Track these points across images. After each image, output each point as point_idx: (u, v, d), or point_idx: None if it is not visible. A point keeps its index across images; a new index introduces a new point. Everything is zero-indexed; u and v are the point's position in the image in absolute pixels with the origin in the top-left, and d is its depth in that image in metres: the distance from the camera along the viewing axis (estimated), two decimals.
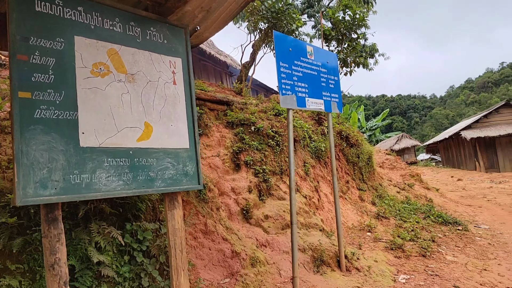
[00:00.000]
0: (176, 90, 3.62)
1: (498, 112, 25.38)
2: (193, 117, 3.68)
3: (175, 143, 3.52)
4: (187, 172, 3.56)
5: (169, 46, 3.63)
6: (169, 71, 3.59)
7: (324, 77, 4.98)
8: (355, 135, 9.14)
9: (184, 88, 3.69)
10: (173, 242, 3.44)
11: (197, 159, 3.66)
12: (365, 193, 8.49)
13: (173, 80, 3.62)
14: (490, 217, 9.42)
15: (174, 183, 3.44)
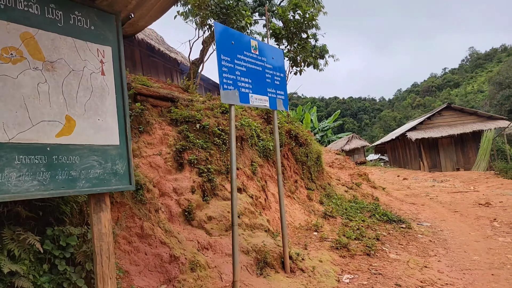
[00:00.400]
0: (105, 81, 3.31)
1: (441, 114, 26.78)
2: (124, 111, 3.38)
3: (102, 139, 3.20)
4: (116, 171, 3.26)
5: (97, 33, 3.30)
6: (96, 60, 3.26)
7: (269, 73, 4.84)
8: (304, 134, 9.13)
9: (114, 79, 3.38)
10: (99, 248, 3.13)
11: (128, 157, 3.37)
12: (313, 192, 8.49)
13: (101, 70, 3.30)
14: (431, 214, 9.78)
15: (100, 183, 3.13)
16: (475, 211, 9.93)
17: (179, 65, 17.06)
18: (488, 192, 13.38)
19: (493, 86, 63.81)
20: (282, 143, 8.16)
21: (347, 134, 46.33)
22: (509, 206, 10.33)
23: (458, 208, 10.58)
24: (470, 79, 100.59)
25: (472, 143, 25.46)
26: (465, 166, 25.19)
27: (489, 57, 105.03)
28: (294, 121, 9.46)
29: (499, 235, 7.28)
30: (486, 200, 11.52)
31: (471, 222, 8.58)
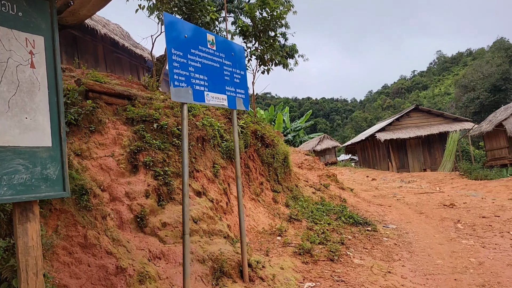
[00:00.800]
0: (35, 74, 2.93)
1: (409, 115, 27.29)
2: (58, 108, 3.02)
3: (30, 140, 2.83)
4: (47, 176, 2.89)
5: (26, 20, 2.92)
6: (24, 51, 2.89)
7: (228, 70, 4.56)
8: (271, 134, 8.90)
9: (47, 72, 3.01)
10: (25, 264, 2.76)
11: (63, 160, 3.01)
12: (279, 194, 8.28)
13: (31, 63, 2.92)
14: (398, 216, 9.77)
15: (27, 190, 2.76)
16: (440, 212, 10.00)
17: (146, 62, 16.52)
18: (453, 193, 13.60)
19: (459, 89, 65.87)
20: (248, 144, 7.90)
21: (319, 135, 46.67)
22: (472, 207, 10.47)
23: (423, 209, 10.64)
24: (437, 82, 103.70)
25: (439, 144, 26.06)
26: (432, 166, 25.76)
27: (456, 60, 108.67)
28: (261, 121, 9.22)
29: (463, 237, 7.28)
30: (450, 201, 11.66)
31: (435, 224, 8.59)
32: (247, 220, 6.44)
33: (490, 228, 7.89)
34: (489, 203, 10.87)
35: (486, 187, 13.68)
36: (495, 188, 13.16)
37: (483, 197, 12.07)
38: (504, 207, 10.07)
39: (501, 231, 7.58)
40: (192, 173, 5.88)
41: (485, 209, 9.94)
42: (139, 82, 8.50)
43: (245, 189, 7.31)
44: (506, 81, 56.06)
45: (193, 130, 6.25)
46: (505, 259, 5.81)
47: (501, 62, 61.92)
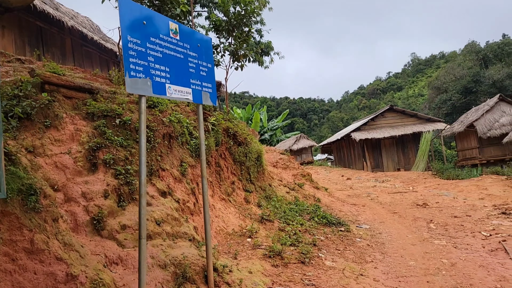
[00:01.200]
0: None
1: (384, 116, 27.58)
2: None
3: None
4: None
5: None
6: None
7: (194, 62, 4.27)
8: (244, 132, 8.64)
9: None
10: None
11: None
12: (251, 194, 8.03)
13: None
14: (371, 216, 9.69)
15: None
16: (413, 212, 9.99)
17: (117, 57, 15.96)
18: (426, 192, 13.70)
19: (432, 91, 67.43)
20: (219, 142, 7.62)
21: (296, 134, 46.76)
22: (444, 206, 10.52)
23: (397, 209, 10.62)
24: (411, 83, 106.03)
25: (412, 144, 26.44)
26: (406, 166, 26.12)
27: (429, 63, 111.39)
28: (234, 118, 8.95)
29: (435, 237, 7.23)
30: (423, 200, 11.71)
31: (408, 224, 8.54)
32: (216, 221, 6.16)
33: (462, 228, 7.88)
34: (460, 203, 10.95)
35: (457, 187, 13.86)
36: (466, 187, 13.33)
37: (455, 197, 12.19)
38: (475, 207, 10.16)
39: (473, 231, 7.57)
40: (157, 172, 5.55)
41: (457, 209, 10.00)
42: (104, 76, 8.09)
43: (216, 189, 7.03)
44: (476, 83, 57.72)
45: (159, 126, 5.92)
46: (477, 260, 5.75)
47: (472, 65, 63.78)
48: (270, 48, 13.64)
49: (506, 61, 60.55)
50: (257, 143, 9.37)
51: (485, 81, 56.87)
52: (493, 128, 20.78)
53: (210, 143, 7.10)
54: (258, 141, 13.80)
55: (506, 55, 61.95)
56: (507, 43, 62.77)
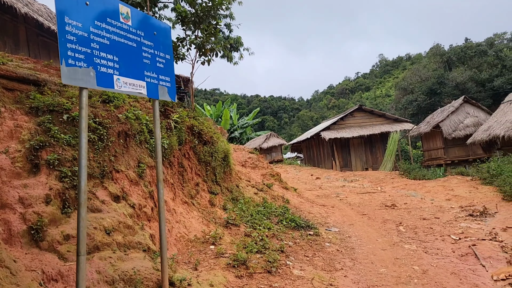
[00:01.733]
0: None
1: (353, 115, 27.75)
2: None
3: None
4: None
5: None
6: None
7: (149, 52, 3.79)
8: (210, 131, 8.18)
9: None
10: None
11: None
12: (217, 196, 7.59)
13: None
14: (340, 218, 9.48)
15: None
16: (382, 213, 9.86)
17: None
18: (394, 192, 13.71)
19: (398, 91, 68.97)
20: (182, 141, 7.13)
21: (266, 132, 46.53)
22: (413, 208, 10.47)
23: (366, 210, 10.47)
24: (379, 84, 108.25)
25: (380, 144, 26.74)
26: (374, 166, 26.38)
27: (396, 64, 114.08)
28: (199, 116, 8.47)
29: (405, 241, 7.05)
30: (392, 201, 11.65)
31: (378, 227, 8.37)
32: (177, 227, 5.69)
33: (431, 231, 7.77)
34: (428, 204, 10.95)
35: (425, 187, 13.94)
36: (433, 188, 13.42)
37: (422, 198, 12.22)
38: (442, 208, 10.15)
39: (442, 234, 7.46)
40: (111, 174, 5.02)
41: (425, 210, 9.95)
42: (58, 68, 7.42)
43: (178, 191, 6.55)
44: (441, 85, 59.54)
45: (114, 123, 5.38)
46: (448, 266, 5.57)
47: (436, 67, 65.76)
48: (239, 44, 13.18)
49: (469, 64, 62.73)
50: (224, 142, 8.93)
51: (448, 83, 58.71)
52: (458, 129, 21.25)
53: (173, 142, 6.60)
54: (226, 140, 13.37)
55: (469, 59, 64.15)
56: (470, 46, 64.94)
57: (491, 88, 55.71)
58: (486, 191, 11.25)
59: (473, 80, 57.88)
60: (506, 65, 58.89)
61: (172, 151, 6.65)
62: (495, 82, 56.14)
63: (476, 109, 22.25)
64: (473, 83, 56.66)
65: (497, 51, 62.25)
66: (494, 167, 12.00)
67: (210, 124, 8.73)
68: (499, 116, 18.83)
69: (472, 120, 21.37)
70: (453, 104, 23.10)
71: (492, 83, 55.92)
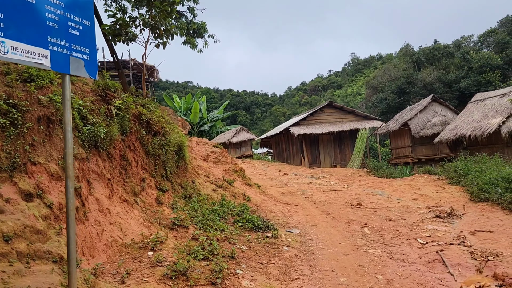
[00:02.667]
0: None
1: (323, 111, 27.40)
2: None
3: None
4: None
5: None
6: None
7: (56, 13, 2.98)
8: (161, 121, 7.37)
9: None
10: None
11: None
12: (166, 194, 6.81)
13: None
14: (303, 218, 8.90)
15: None
16: (347, 213, 9.36)
17: None
18: (360, 191, 13.31)
19: (369, 90, 69.82)
20: (127, 131, 6.30)
21: (236, 127, 45.70)
22: (379, 207, 10.04)
23: (331, 209, 9.96)
24: (350, 82, 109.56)
25: (349, 141, 26.54)
26: (342, 163, 26.16)
27: (367, 63, 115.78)
28: (149, 103, 7.63)
29: (370, 245, 6.52)
30: (358, 200, 11.21)
31: (342, 228, 7.83)
32: (110, 230, 4.89)
33: (397, 233, 7.30)
34: (395, 204, 10.56)
35: (391, 186, 13.62)
36: (400, 187, 13.11)
37: (389, 197, 11.85)
38: (409, 208, 9.76)
39: (408, 237, 7.00)
40: (24, 166, 4.16)
41: (391, 211, 9.53)
42: None
43: (118, 188, 5.73)
44: (410, 84, 60.56)
45: (34, 106, 4.51)
46: (415, 275, 5.05)
47: (406, 67, 66.89)
48: (203, 30, 12.41)
49: (437, 65, 64.10)
50: (179, 134, 8.13)
51: (417, 83, 59.77)
52: (426, 128, 21.23)
53: (113, 132, 5.77)
54: (186, 133, 12.56)
55: (437, 60, 65.55)
56: (438, 48, 66.36)
57: (457, 89, 57.14)
58: (453, 191, 10.98)
59: (440, 80, 59.16)
60: (472, 67, 60.54)
61: (112, 141, 5.81)
62: (461, 83, 57.61)
63: (444, 108, 22.33)
64: (441, 83, 57.90)
65: (464, 53, 63.94)
66: (461, 166, 11.77)
67: (163, 114, 7.92)
68: (466, 116, 18.86)
69: (439, 119, 21.40)
70: (422, 103, 23.11)
71: (459, 84, 57.37)
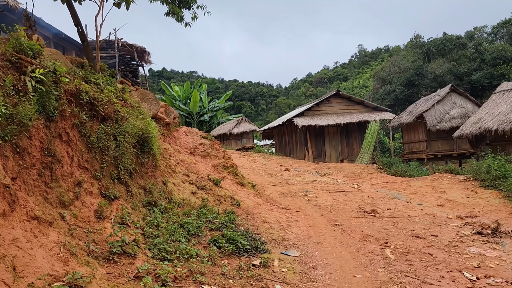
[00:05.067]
0: None
1: (329, 101, 25.35)
2: None
3: None
4: None
5: None
6: None
7: None
8: (113, 102, 5.47)
9: None
10: None
11: None
12: (115, 203, 4.93)
13: None
14: (306, 230, 7.01)
15: None
16: (361, 224, 7.46)
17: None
18: (373, 192, 11.38)
19: (376, 81, 67.54)
20: (54, 114, 4.40)
21: (237, 117, 43.64)
22: (399, 216, 8.12)
23: (339, 217, 8.06)
24: (357, 75, 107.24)
25: (357, 134, 24.53)
26: (349, 157, 24.17)
27: (375, 55, 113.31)
28: (96, 78, 5.70)
29: (396, 280, 4.61)
30: (372, 205, 9.30)
31: (356, 248, 5.93)
32: None
33: (432, 260, 5.38)
34: (417, 211, 8.63)
35: (409, 187, 11.67)
36: (420, 189, 11.15)
37: (408, 201, 9.91)
38: (437, 218, 7.84)
39: (448, 266, 5.08)
40: None
41: (416, 222, 7.61)
42: None
43: (25, 199, 3.84)
44: (419, 76, 58.31)
45: None
46: None
47: (416, 59, 64.53)
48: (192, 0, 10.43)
49: (448, 57, 61.75)
50: (143, 120, 6.20)
51: (427, 75, 57.52)
52: (443, 121, 19.18)
53: (23, 113, 3.86)
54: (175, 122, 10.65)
55: (448, 51, 63.14)
56: (449, 39, 63.83)
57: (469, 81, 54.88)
58: (488, 196, 9.01)
59: (451, 73, 56.91)
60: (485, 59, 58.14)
61: (23, 128, 3.92)
62: (473, 75, 55.36)
63: (463, 99, 20.20)
64: (452, 76, 55.65)
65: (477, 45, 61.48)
66: (497, 166, 9.78)
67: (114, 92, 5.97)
68: (490, 108, 16.77)
69: (459, 111, 19.32)
70: (439, 93, 20.96)
71: (471, 77, 55.13)
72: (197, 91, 40.16)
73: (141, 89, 10.36)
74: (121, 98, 5.99)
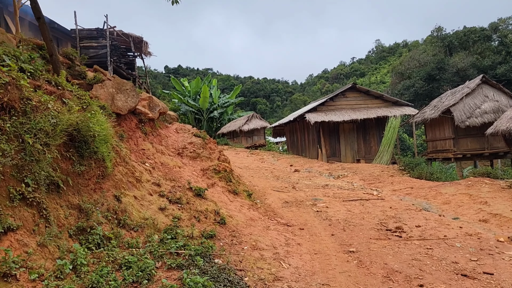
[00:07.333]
0: None
1: (345, 95, 23.34)
2: None
3: None
4: None
5: None
6: None
7: None
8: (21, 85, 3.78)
9: None
10: None
11: None
12: (7, 237, 3.25)
13: None
14: (309, 260, 5.23)
15: None
16: (383, 251, 5.63)
17: None
18: (396, 201, 9.48)
19: (395, 76, 64.92)
20: None
21: (248, 113, 41.81)
22: (432, 237, 6.26)
23: (355, 239, 6.25)
24: (374, 70, 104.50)
25: (375, 131, 22.48)
26: (366, 157, 22.16)
27: (392, 51, 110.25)
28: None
29: None
30: (396, 219, 7.46)
31: None
32: None
33: None
34: (455, 230, 6.74)
35: (440, 194, 9.72)
36: (453, 197, 9.20)
37: (441, 214, 8.02)
38: (483, 242, 5.95)
39: None
40: None
41: (456, 247, 5.74)
42: None
43: None
44: (440, 70, 55.60)
45: None
46: None
47: (436, 52, 61.68)
48: None
49: (471, 50, 58.81)
50: (84, 113, 4.50)
51: (449, 69, 54.78)
52: (473, 116, 17.02)
53: None
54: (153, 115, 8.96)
55: (471, 44, 60.12)
56: (474, 31, 60.74)
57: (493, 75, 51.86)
58: None
59: (475, 66, 54.12)
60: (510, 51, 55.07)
61: None
62: (498, 69, 52.51)
63: (496, 92, 17.95)
64: (475, 69, 52.84)
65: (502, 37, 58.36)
66: None
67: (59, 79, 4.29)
68: None
69: (491, 105, 17.13)
70: (468, 85, 18.74)
71: (495, 71, 52.28)
72: (207, 86, 38.54)
73: (117, 78, 8.72)
74: (53, 84, 4.31)
